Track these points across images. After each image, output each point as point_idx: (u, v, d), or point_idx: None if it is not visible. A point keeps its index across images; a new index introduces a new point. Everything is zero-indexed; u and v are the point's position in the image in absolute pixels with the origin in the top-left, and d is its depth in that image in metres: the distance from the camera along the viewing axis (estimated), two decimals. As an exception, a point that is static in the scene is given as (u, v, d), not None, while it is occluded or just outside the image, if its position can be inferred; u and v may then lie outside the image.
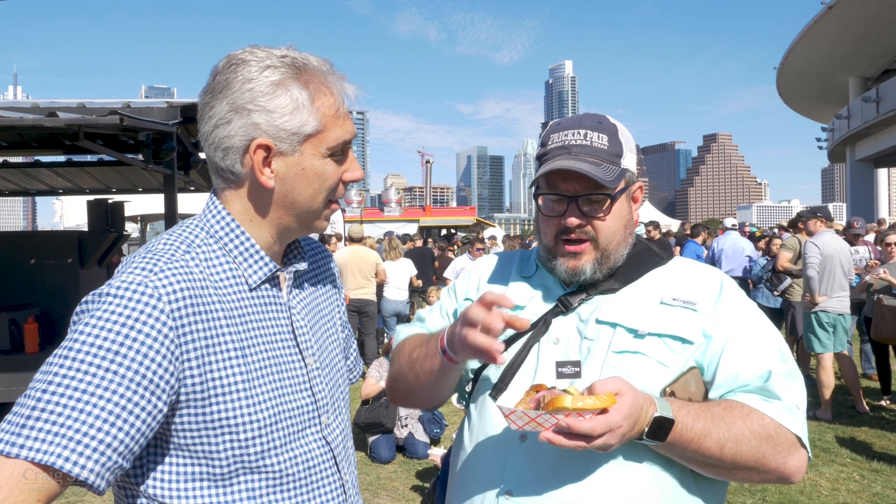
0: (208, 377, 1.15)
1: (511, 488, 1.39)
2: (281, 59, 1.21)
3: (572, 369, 1.41)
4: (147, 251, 1.20)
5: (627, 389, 1.24)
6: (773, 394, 1.36)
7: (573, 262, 1.47)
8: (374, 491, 5.33)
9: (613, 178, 1.43)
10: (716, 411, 1.33)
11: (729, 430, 1.31)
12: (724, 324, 1.42)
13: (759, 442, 1.32)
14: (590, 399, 1.19)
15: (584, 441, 1.20)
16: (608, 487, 1.34)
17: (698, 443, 1.30)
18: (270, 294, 1.29)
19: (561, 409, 1.17)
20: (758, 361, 1.38)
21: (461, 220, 35.61)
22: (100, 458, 1.03)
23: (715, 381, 1.39)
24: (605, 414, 1.19)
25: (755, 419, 1.33)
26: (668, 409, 1.28)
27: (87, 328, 1.07)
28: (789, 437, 1.35)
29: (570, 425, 1.18)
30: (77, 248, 6.80)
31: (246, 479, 1.20)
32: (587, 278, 1.48)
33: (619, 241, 1.49)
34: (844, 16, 27.98)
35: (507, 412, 1.21)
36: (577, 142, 1.46)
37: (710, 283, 1.49)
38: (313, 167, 1.24)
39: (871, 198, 33.11)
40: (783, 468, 1.35)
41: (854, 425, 6.73)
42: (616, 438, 1.21)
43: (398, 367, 1.62)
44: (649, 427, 1.26)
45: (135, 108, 5.66)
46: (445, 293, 1.76)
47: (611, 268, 1.49)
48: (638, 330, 1.41)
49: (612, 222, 1.47)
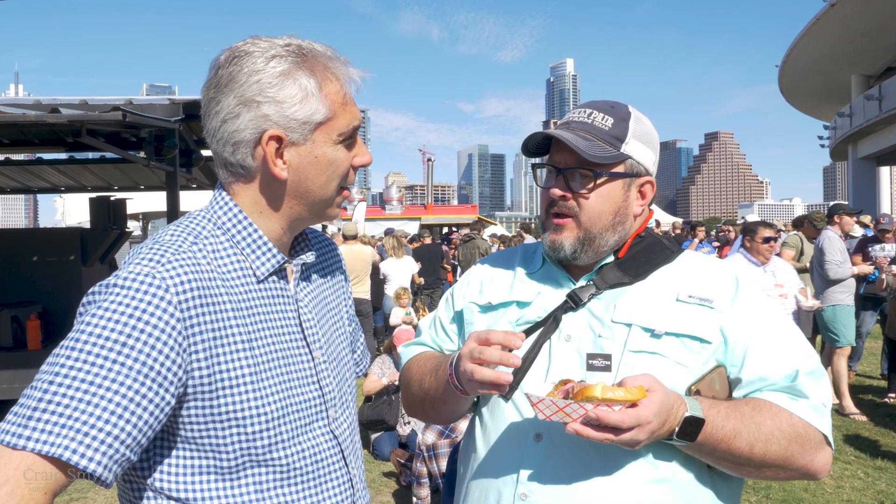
0: (216, 369, 1.14)
1: (526, 490, 1.36)
2: (286, 48, 1.19)
3: (603, 362, 1.38)
4: (154, 242, 1.19)
5: (659, 387, 1.22)
6: (800, 392, 1.34)
7: (554, 236, 1.47)
8: (376, 488, 5.32)
9: (602, 155, 1.40)
10: (745, 410, 1.31)
11: (759, 429, 1.29)
12: (745, 322, 1.39)
13: (788, 441, 1.31)
14: (620, 391, 1.17)
15: (613, 434, 1.17)
16: (626, 489, 1.32)
17: (728, 443, 1.28)
18: (278, 286, 1.27)
19: (590, 399, 1.16)
20: (784, 360, 1.36)
21: (462, 218, 35.57)
22: (107, 450, 1.02)
23: (741, 380, 1.37)
24: (635, 408, 1.17)
25: (784, 418, 1.31)
26: (698, 409, 1.26)
27: (95, 319, 1.06)
28: (817, 435, 1.34)
29: (598, 416, 1.16)
30: (79, 245, 6.80)
31: (253, 473, 1.19)
32: (566, 255, 1.46)
33: (605, 226, 1.45)
34: (847, 13, 27.92)
35: (535, 400, 1.20)
36: (579, 119, 1.47)
37: (725, 279, 1.46)
38: (325, 155, 1.23)
39: (874, 196, 33.03)
40: (810, 466, 1.35)
41: (858, 423, 6.71)
42: (645, 434, 1.19)
43: (412, 395, 1.63)
44: (680, 427, 1.24)
45: (137, 105, 5.65)
46: (442, 301, 1.74)
47: (597, 252, 1.46)
48: (654, 329, 1.38)
49: (596, 202, 1.44)
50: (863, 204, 29.33)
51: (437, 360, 1.56)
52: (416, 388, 1.59)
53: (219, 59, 1.21)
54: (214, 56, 1.23)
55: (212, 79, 1.20)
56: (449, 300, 1.71)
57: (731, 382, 1.38)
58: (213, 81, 1.20)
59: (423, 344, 1.70)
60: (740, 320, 1.39)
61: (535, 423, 1.39)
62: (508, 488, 1.39)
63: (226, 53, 1.21)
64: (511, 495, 1.38)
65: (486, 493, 1.44)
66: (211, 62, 1.22)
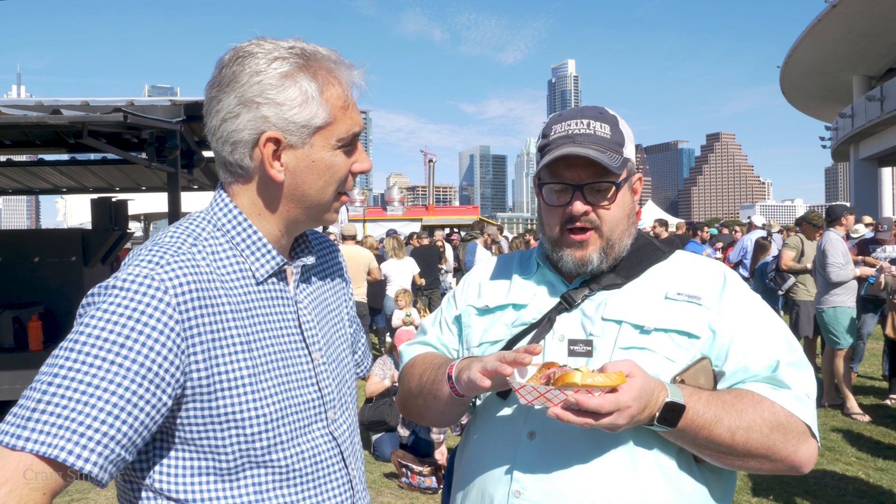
0: (214, 371, 1.14)
1: (520, 487, 1.38)
2: (289, 50, 1.20)
3: (584, 347, 1.42)
4: (153, 244, 1.19)
5: (639, 372, 1.25)
6: (782, 383, 1.36)
7: (580, 253, 1.47)
8: (377, 489, 5.32)
9: (618, 165, 1.43)
10: (727, 399, 1.33)
11: (740, 417, 1.31)
12: (730, 316, 1.42)
13: (770, 430, 1.32)
14: (599, 377, 1.20)
15: (592, 419, 1.20)
16: (619, 486, 1.33)
17: (709, 429, 1.30)
18: (277, 288, 1.28)
19: (571, 385, 1.19)
20: (766, 352, 1.39)
21: (464, 218, 35.59)
22: (103, 450, 1.02)
23: (724, 372, 1.40)
24: (615, 393, 1.20)
25: (766, 407, 1.33)
26: (679, 395, 1.28)
27: (93, 321, 1.06)
28: (800, 425, 1.35)
29: (578, 401, 1.18)
30: (81, 246, 6.81)
31: (252, 474, 1.19)
32: (594, 268, 1.48)
33: (623, 231, 1.49)
34: (848, 14, 27.90)
35: (518, 386, 1.23)
36: (581, 131, 1.46)
37: (713, 276, 1.50)
38: (323, 159, 1.23)
39: (875, 197, 33.01)
40: (794, 457, 1.36)
41: (859, 424, 6.70)
42: (624, 419, 1.21)
43: (409, 391, 1.63)
44: (660, 412, 1.26)
45: (138, 106, 5.67)
46: (445, 301, 1.76)
47: (616, 258, 1.49)
48: (644, 326, 1.41)
49: (616, 211, 1.47)
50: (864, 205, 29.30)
51: (442, 359, 1.59)
52: (416, 384, 1.60)
53: (223, 59, 1.21)
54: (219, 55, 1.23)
55: (215, 77, 1.21)
56: (451, 301, 1.73)
57: (716, 375, 1.41)
58: (216, 80, 1.21)
59: (428, 344, 1.71)
60: (726, 315, 1.42)
61: (529, 421, 1.42)
62: (502, 486, 1.41)
63: (230, 53, 1.21)
64: (505, 493, 1.40)
65: (481, 491, 1.46)
66: (217, 61, 1.23)
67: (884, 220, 9.25)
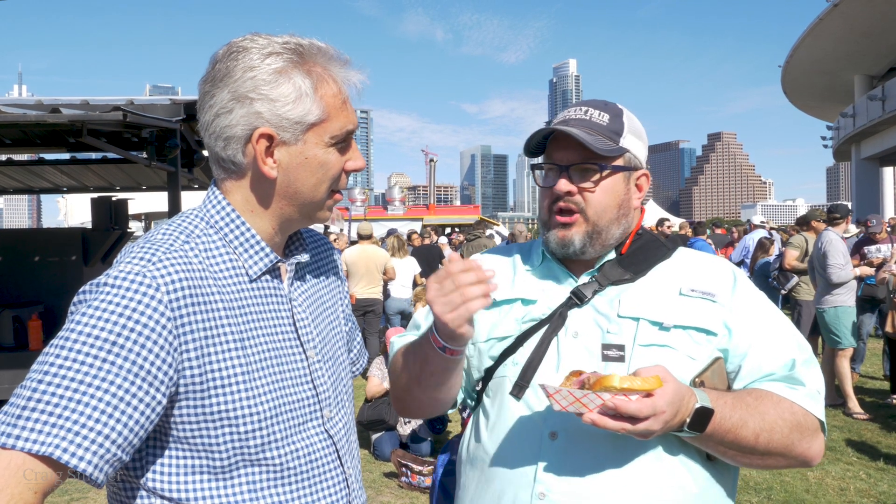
0: (207, 369, 1.13)
1: (544, 489, 1.36)
2: (283, 46, 1.19)
3: (617, 353, 1.40)
4: (146, 241, 1.18)
5: (671, 378, 1.24)
6: (798, 381, 1.38)
7: (563, 233, 1.47)
8: (377, 488, 5.32)
9: (606, 148, 1.43)
10: (748, 401, 1.34)
11: (763, 419, 1.32)
12: (744, 314, 1.43)
13: (790, 429, 1.34)
14: (637, 380, 1.19)
15: (629, 424, 1.19)
16: (644, 485, 1.33)
17: (735, 433, 1.30)
18: (271, 286, 1.27)
19: (608, 389, 1.17)
20: (781, 351, 1.40)
21: (465, 218, 35.56)
22: (98, 449, 1.01)
23: (740, 372, 1.40)
24: (651, 397, 1.19)
25: (786, 407, 1.35)
26: (706, 400, 1.28)
27: (85, 318, 1.06)
28: (814, 422, 1.38)
29: (616, 405, 1.17)
30: (81, 245, 6.81)
31: (246, 472, 1.18)
32: (576, 250, 1.47)
33: (611, 219, 1.47)
34: (850, 14, 27.84)
35: (552, 391, 1.21)
36: (577, 116, 1.48)
37: (723, 273, 1.50)
38: (316, 156, 1.22)
39: (877, 196, 32.95)
40: (807, 453, 1.39)
41: (860, 424, 6.69)
42: (659, 424, 1.20)
43: (401, 381, 1.53)
44: (691, 418, 1.26)
45: (138, 105, 5.66)
46: None
47: (603, 246, 1.48)
48: (663, 322, 1.40)
49: (602, 196, 1.46)
50: (866, 204, 29.29)
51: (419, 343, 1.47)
52: (405, 371, 1.50)
53: (217, 54, 1.21)
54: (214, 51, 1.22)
55: (209, 72, 1.20)
56: None
57: (729, 374, 1.41)
58: (209, 75, 1.20)
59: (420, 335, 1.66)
60: (741, 313, 1.43)
61: (549, 421, 1.39)
62: (525, 488, 1.38)
63: (224, 48, 1.20)
64: (528, 495, 1.37)
65: (499, 493, 1.42)
66: (211, 56, 1.22)
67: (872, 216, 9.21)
